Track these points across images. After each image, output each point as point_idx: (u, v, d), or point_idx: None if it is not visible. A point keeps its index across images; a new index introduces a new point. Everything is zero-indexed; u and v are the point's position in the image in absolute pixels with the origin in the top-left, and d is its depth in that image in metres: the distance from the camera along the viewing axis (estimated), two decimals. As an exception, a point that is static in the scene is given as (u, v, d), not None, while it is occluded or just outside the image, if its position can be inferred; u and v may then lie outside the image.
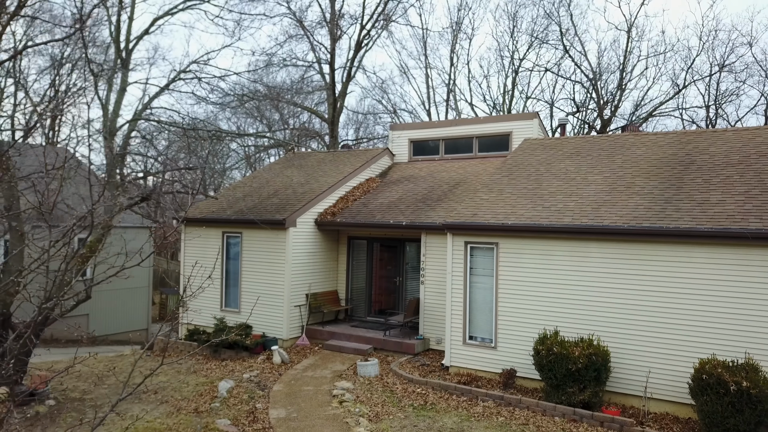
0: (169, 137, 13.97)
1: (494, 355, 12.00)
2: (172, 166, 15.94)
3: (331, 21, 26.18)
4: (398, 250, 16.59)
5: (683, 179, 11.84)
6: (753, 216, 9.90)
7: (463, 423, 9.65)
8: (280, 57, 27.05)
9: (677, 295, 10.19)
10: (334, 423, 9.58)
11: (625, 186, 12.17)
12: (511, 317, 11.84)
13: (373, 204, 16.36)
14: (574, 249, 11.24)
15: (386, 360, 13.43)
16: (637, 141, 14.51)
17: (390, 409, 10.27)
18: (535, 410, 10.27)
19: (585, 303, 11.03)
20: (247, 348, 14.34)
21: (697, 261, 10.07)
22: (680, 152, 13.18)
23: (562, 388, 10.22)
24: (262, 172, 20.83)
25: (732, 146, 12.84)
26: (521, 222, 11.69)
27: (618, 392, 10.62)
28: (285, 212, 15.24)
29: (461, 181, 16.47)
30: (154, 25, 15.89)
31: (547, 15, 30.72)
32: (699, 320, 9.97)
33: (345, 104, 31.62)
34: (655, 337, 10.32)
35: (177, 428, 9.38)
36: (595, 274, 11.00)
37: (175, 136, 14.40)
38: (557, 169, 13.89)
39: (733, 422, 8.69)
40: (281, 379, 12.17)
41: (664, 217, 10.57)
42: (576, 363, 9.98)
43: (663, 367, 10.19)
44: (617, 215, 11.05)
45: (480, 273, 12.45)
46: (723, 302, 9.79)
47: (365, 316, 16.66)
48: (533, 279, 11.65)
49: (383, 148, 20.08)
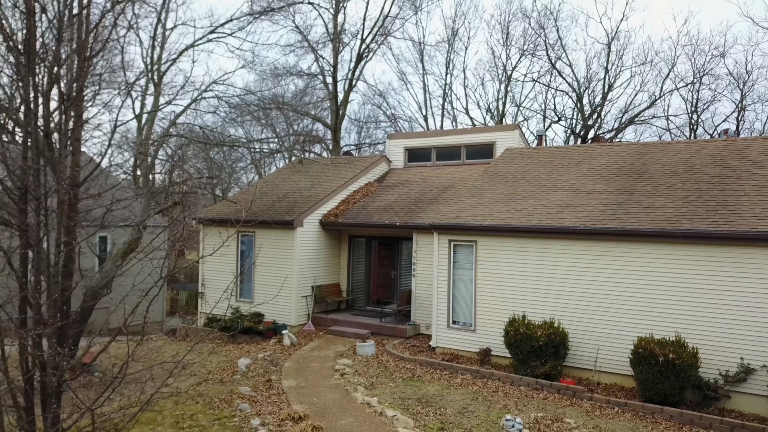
0: (192, 148, 15.69)
1: (473, 336, 13.85)
2: (198, 174, 17.78)
3: (333, 38, 28.01)
4: (394, 247, 18.44)
5: (635, 186, 13.66)
6: (686, 218, 11.72)
7: (443, 391, 11.50)
8: (287, 67, 28.88)
9: (623, 284, 12.02)
10: (336, 390, 11.44)
11: (586, 192, 13.99)
12: (488, 304, 13.69)
13: (372, 206, 18.20)
14: (540, 246, 13.08)
15: (382, 342, 15.28)
16: (602, 151, 16.33)
17: (383, 380, 12.13)
18: (505, 381, 12.13)
19: (548, 291, 12.87)
20: (260, 333, 16.22)
21: (639, 256, 11.90)
22: (637, 162, 14.99)
23: (527, 362, 12.07)
24: (271, 177, 22.68)
25: (681, 157, 14.64)
26: (496, 223, 13.53)
27: (576, 366, 12.45)
28: (293, 214, 17.09)
29: (450, 186, 18.30)
30: (182, 55, 17.77)
31: (534, 31, 32.50)
32: (640, 305, 11.79)
33: (347, 109, 33.46)
34: (605, 320, 12.16)
35: (207, 393, 11.24)
36: (557, 267, 12.83)
37: (198, 147, 16.19)
38: (531, 176, 15.72)
39: (662, 387, 10.52)
40: (291, 358, 14.04)
41: (615, 219, 12.40)
42: (538, 341, 11.84)
43: (610, 345, 12.03)
44: (577, 217, 12.88)
45: (462, 267, 14.30)
46: (659, 290, 11.62)
47: (364, 306, 18.52)
48: (506, 271, 13.49)
49: (381, 155, 21.91)
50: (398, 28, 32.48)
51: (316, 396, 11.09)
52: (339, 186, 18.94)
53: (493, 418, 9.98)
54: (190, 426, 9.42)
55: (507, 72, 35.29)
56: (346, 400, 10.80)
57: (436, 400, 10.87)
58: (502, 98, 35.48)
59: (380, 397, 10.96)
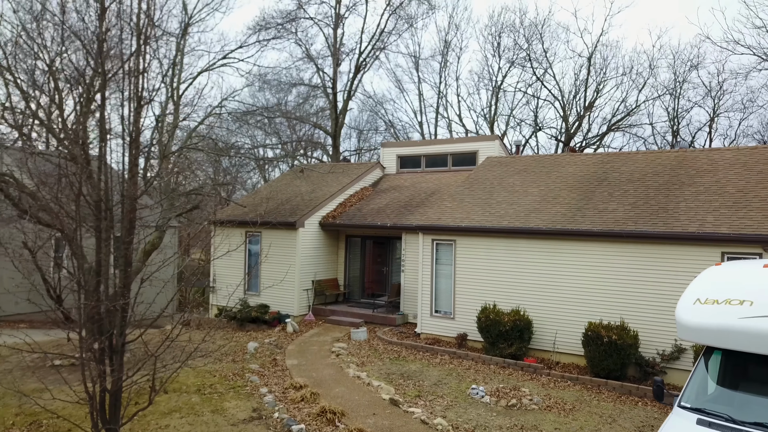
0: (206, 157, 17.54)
1: (452, 323, 15.66)
2: (215, 181, 19.64)
3: (333, 53, 29.88)
4: (386, 246, 20.26)
5: (594, 192, 15.46)
6: (632, 221, 13.52)
7: (424, 368, 13.32)
8: (291, 81, 30.79)
9: (578, 277, 13.82)
10: (332, 367, 13.26)
11: (552, 197, 15.80)
12: (465, 295, 15.50)
13: (366, 209, 20.02)
14: (509, 245, 14.89)
15: (374, 330, 17.09)
16: (570, 161, 18.13)
17: (372, 360, 13.96)
18: (477, 360, 13.94)
19: (516, 284, 14.68)
20: (266, 322, 18.05)
21: (591, 253, 13.70)
22: (599, 171, 16.79)
23: (496, 344, 13.89)
24: (275, 182, 24.51)
25: (637, 167, 16.44)
26: (472, 225, 15.34)
27: (539, 348, 14.25)
28: (295, 216, 18.92)
29: (436, 190, 20.11)
30: (199, 77, 19.59)
31: (519, 46, 34.32)
32: (591, 295, 13.59)
33: (346, 114, 35.27)
34: (562, 308, 13.97)
35: (222, 370, 13.06)
36: (523, 263, 14.64)
37: (213, 155, 18.05)
38: (507, 183, 17.53)
39: (607, 364, 12.33)
40: (293, 342, 15.87)
41: (573, 221, 14.21)
42: (505, 326, 13.65)
43: (567, 329, 13.84)
44: (541, 220, 14.68)
45: (443, 263, 16.11)
46: (607, 282, 13.42)
47: (359, 298, 20.35)
48: (480, 267, 15.30)
49: (376, 162, 23.72)
50: (394, 41, 34.26)
51: (315, 372, 12.92)
52: (337, 191, 20.76)
53: (462, 388, 11.79)
54: (210, 393, 11.24)
55: (497, 81, 37.10)
56: (339, 375, 12.62)
57: (416, 375, 12.69)
58: (493, 106, 37.27)
59: (369, 372, 12.78)
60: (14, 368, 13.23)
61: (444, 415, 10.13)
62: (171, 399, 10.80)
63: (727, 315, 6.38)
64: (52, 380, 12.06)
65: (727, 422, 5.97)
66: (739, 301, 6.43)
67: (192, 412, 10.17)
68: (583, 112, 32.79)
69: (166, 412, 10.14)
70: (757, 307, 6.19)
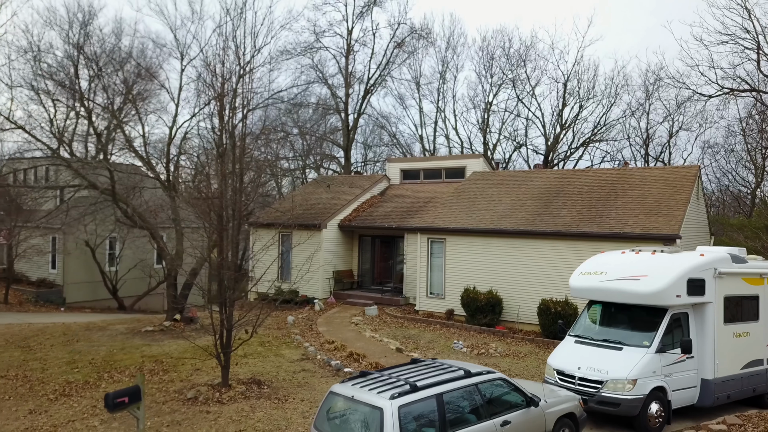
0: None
1: (443, 302, 19.87)
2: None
3: (345, 80, 34.25)
4: (391, 243, 24.47)
5: (552, 202, 19.63)
6: (575, 224, 17.68)
7: (421, 333, 17.53)
8: (310, 102, 35.19)
9: (536, 266, 17.98)
10: (353, 332, 17.49)
11: (520, 205, 19.98)
12: (452, 281, 19.69)
13: (375, 213, 24.22)
14: (485, 242, 19.08)
15: (382, 309, 21.28)
16: (537, 176, 22.31)
17: (382, 327, 18.18)
18: (461, 328, 18.15)
19: (490, 271, 18.85)
20: (297, 303, 22.28)
21: (545, 248, 17.87)
22: (558, 184, 20.96)
23: (475, 316, 18.09)
24: (300, 191, 28.76)
25: (587, 181, 20.60)
26: (458, 226, 19.55)
27: (507, 320, 18.42)
28: (319, 219, 23.14)
29: (432, 199, 24.30)
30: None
31: (503, 72, 38.62)
32: (546, 279, 17.72)
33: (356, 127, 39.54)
34: (524, 288, 18.13)
35: (270, 334, 17.28)
36: (495, 255, 18.82)
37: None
38: (487, 193, 21.72)
39: (553, 328, 16.49)
40: (321, 317, 20.10)
41: (533, 224, 18.37)
42: (481, 302, 17.86)
43: (527, 305, 17.99)
44: (510, 223, 18.86)
45: (436, 256, 20.32)
46: (557, 269, 17.53)
47: (370, 285, 24.58)
48: (464, 258, 19.49)
49: (382, 174, 27.94)
50: (397, 67, 38.52)
51: (341, 334, 17.15)
52: (351, 199, 24.98)
53: (448, 344, 16.00)
54: (269, 345, 15.49)
55: (487, 101, 41.29)
56: (359, 336, 16.85)
57: (415, 337, 16.91)
58: (483, 123, 41.48)
59: (380, 334, 17.01)
60: (117, 334, 17.47)
61: (434, 358, 14.34)
62: (243, 348, 15.03)
63: (593, 280, 10.67)
64: (149, 340, 16.38)
65: (588, 340, 10.27)
66: (601, 272, 10.70)
67: (260, 356, 14.43)
68: (559, 130, 37.03)
69: (242, 355, 14.38)
70: (608, 275, 10.47)
